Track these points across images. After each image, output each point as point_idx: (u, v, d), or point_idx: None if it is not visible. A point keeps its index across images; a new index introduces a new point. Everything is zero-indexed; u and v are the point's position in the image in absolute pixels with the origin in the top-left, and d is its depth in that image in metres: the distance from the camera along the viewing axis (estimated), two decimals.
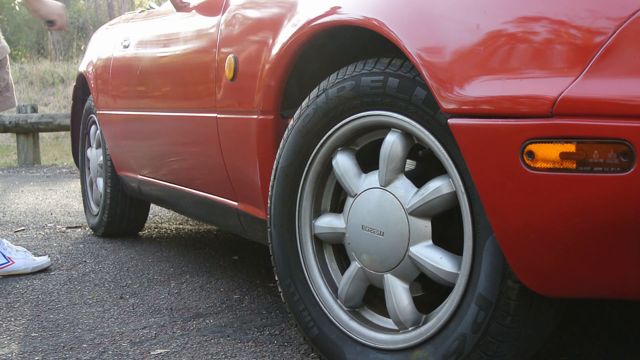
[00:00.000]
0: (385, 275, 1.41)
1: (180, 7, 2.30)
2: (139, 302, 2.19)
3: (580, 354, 1.65)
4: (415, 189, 1.35)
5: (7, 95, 2.64)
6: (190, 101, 2.15)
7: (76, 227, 3.64)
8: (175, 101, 2.28)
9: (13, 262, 2.59)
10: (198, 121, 2.08)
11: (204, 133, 2.04)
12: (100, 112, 3.08)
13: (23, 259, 2.61)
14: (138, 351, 1.74)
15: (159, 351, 1.73)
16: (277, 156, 1.60)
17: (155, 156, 2.61)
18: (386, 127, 1.39)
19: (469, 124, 1.14)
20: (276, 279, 1.63)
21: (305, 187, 1.56)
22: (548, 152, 1.04)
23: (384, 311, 1.46)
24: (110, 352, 1.74)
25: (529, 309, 1.23)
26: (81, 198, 3.86)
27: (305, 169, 1.55)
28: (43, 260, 2.68)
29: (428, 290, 1.49)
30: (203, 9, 2.16)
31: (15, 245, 2.73)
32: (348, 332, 1.49)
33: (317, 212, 1.58)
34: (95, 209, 3.44)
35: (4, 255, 2.59)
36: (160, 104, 2.41)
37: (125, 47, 2.80)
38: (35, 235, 3.38)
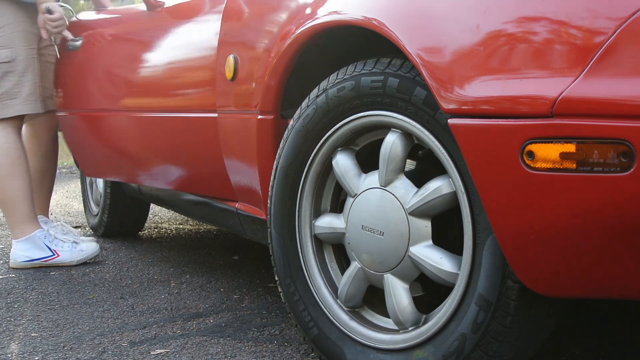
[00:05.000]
0: (385, 275, 1.41)
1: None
2: (138, 302, 2.19)
3: (580, 354, 1.65)
4: (415, 189, 1.35)
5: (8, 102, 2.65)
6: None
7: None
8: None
9: (58, 255, 2.68)
10: (198, 121, 2.08)
11: (204, 133, 2.04)
12: None
13: (69, 251, 2.69)
14: (138, 351, 1.74)
15: (158, 351, 1.73)
16: (277, 156, 1.60)
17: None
18: (386, 127, 1.39)
19: (468, 124, 1.14)
20: (276, 279, 1.63)
21: (305, 187, 1.56)
22: (548, 152, 1.04)
23: (384, 311, 1.46)
24: (110, 352, 1.74)
25: (529, 309, 1.23)
26: (81, 198, 3.85)
27: (305, 169, 1.55)
28: (90, 251, 2.73)
29: (428, 290, 1.49)
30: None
31: (63, 236, 2.79)
32: (348, 332, 1.49)
33: (317, 212, 1.58)
34: (95, 209, 3.44)
35: (49, 248, 2.67)
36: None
37: None
38: None
